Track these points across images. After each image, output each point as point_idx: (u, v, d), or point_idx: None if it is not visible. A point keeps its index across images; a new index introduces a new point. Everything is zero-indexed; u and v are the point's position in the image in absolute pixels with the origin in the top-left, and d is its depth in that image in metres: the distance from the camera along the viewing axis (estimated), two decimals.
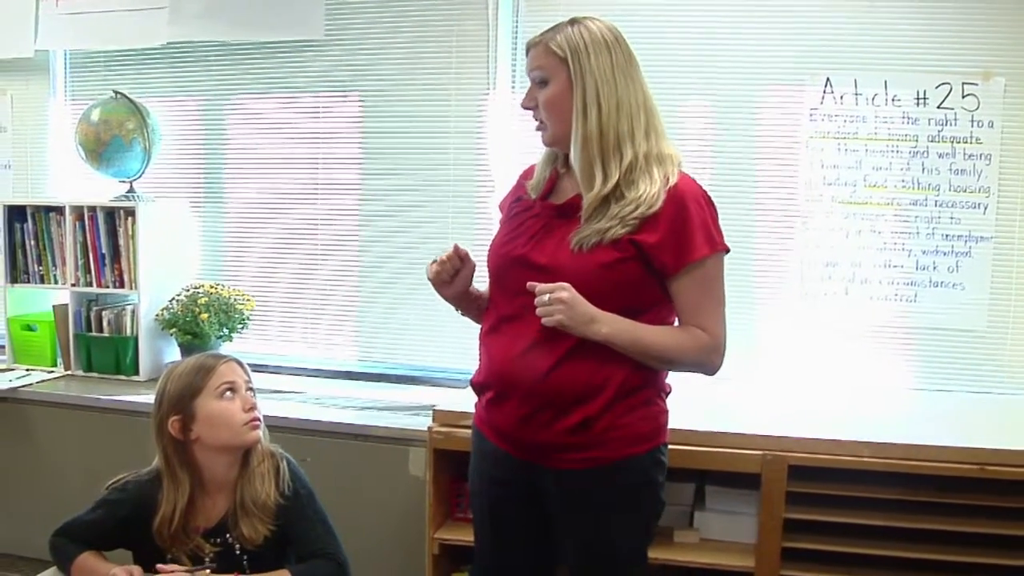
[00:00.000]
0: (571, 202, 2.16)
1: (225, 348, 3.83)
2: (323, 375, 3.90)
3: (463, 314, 2.40)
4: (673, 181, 2.10)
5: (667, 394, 2.26)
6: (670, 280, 2.11)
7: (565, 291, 2.01)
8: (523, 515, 2.28)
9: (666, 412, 2.24)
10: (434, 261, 2.27)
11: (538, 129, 2.20)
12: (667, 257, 2.08)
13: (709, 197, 2.16)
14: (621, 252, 2.07)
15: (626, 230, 2.06)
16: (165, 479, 2.23)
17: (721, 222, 2.17)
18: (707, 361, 2.16)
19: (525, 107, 2.19)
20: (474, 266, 2.28)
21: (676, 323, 2.18)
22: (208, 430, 2.21)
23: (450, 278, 2.26)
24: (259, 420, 2.25)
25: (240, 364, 2.30)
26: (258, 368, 3.86)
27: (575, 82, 2.10)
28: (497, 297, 2.26)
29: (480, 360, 2.29)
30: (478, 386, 2.30)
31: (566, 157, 2.20)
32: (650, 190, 2.07)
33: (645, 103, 2.15)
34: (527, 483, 2.23)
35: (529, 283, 2.05)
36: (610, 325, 2.06)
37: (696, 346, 2.13)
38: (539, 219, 2.20)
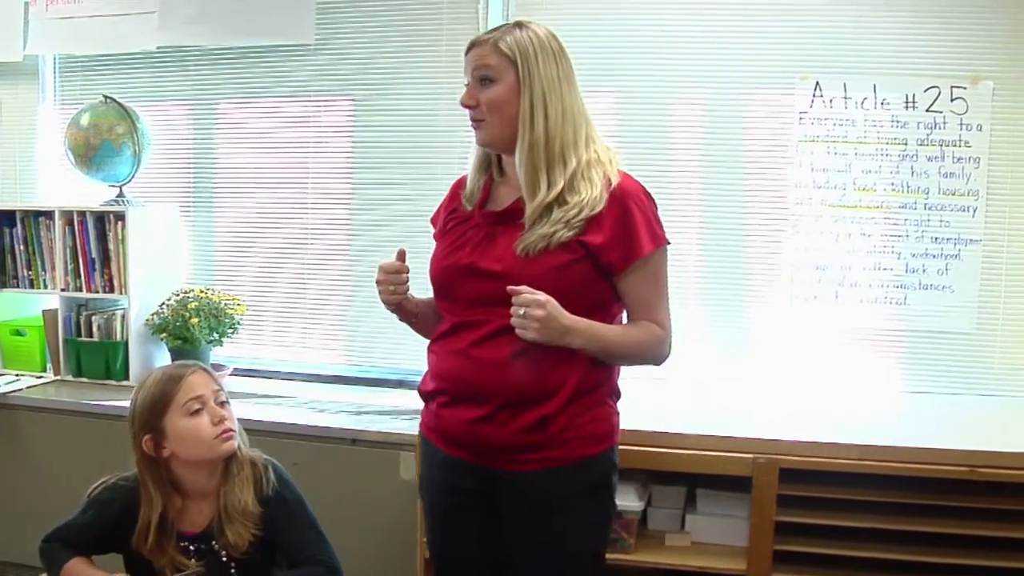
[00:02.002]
0: (512, 208, 2.18)
1: (216, 353, 3.83)
2: (315, 379, 3.89)
3: (416, 327, 2.41)
4: (615, 182, 2.14)
5: (618, 396, 2.29)
6: (618, 277, 2.15)
7: (541, 309, 2.01)
8: (476, 522, 2.27)
9: (618, 414, 2.27)
10: (383, 282, 2.28)
11: (475, 128, 2.21)
12: (614, 255, 2.12)
13: (648, 193, 2.21)
14: (571, 254, 2.10)
15: (572, 233, 2.09)
16: (141, 493, 2.23)
17: (671, 220, 2.30)
18: (660, 353, 2.22)
19: (465, 105, 2.19)
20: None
21: (625, 319, 2.23)
22: (180, 447, 2.20)
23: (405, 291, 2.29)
24: (231, 431, 2.23)
25: (209, 372, 2.28)
26: (249, 373, 3.90)
27: (523, 86, 2.12)
28: (446, 310, 2.27)
29: (429, 368, 2.30)
30: (427, 393, 2.30)
31: (499, 163, 2.26)
32: (592, 192, 2.10)
33: (584, 112, 2.19)
34: (481, 489, 2.22)
35: (510, 287, 2.03)
36: (583, 336, 2.08)
37: (653, 341, 2.19)
38: (480, 228, 2.22)
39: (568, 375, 2.13)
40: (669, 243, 2.20)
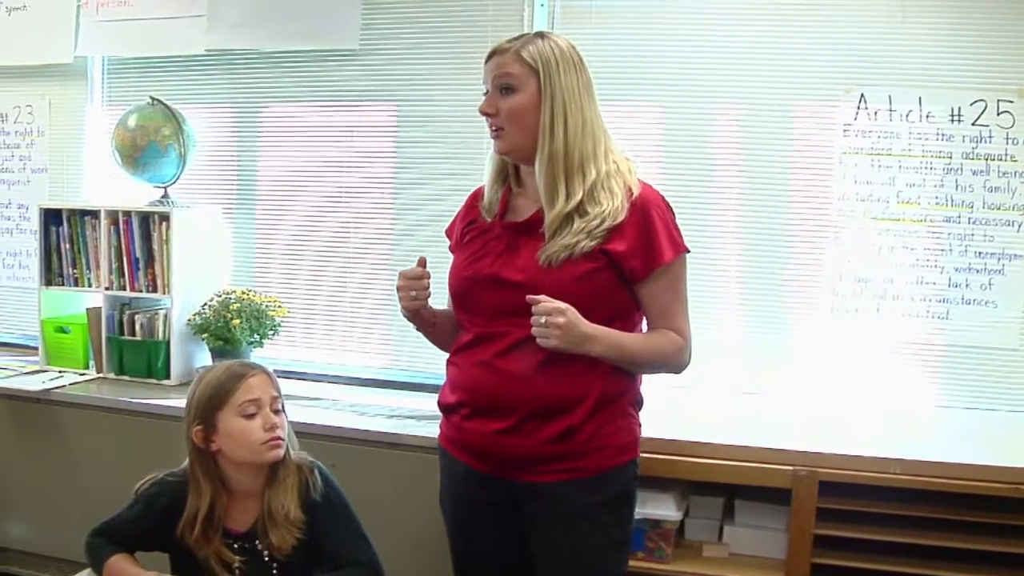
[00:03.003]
0: (532, 219, 2.20)
1: (256, 354, 3.85)
2: (354, 382, 3.90)
3: (432, 337, 2.43)
4: (636, 191, 2.16)
5: (641, 405, 2.31)
6: (640, 285, 2.17)
7: (563, 316, 2.02)
8: (498, 531, 2.29)
9: (640, 425, 2.29)
10: (404, 288, 2.28)
11: (494, 137, 2.22)
12: (636, 263, 2.13)
13: (667, 202, 2.23)
14: (594, 263, 2.12)
15: (595, 243, 2.11)
16: (190, 482, 2.25)
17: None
18: (680, 362, 2.24)
19: (484, 113, 2.20)
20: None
21: (645, 327, 2.25)
22: (228, 445, 2.22)
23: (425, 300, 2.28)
24: (280, 439, 2.24)
25: (270, 376, 2.29)
26: (288, 375, 3.91)
27: (544, 96, 2.14)
28: (467, 321, 2.28)
29: (449, 380, 2.32)
30: (449, 406, 2.31)
31: (517, 174, 2.28)
32: (613, 203, 2.12)
33: (602, 124, 2.22)
34: (503, 500, 2.24)
35: (529, 296, 2.04)
36: (602, 343, 2.10)
37: (673, 349, 2.20)
38: (501, 239, 2.23)
39: (592, 384, 2.14)
40: (688, 251, 2.23)
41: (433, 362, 3.80)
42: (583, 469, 2.16)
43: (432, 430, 3.21)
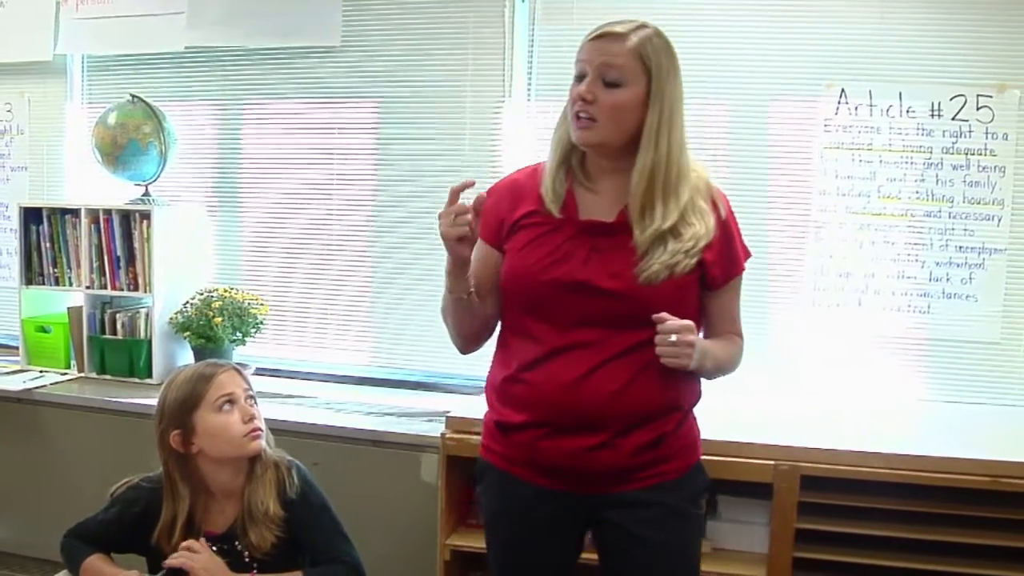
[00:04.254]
0: (619, 223, 2.06)
1: (238, 352, 3.85)
2: (336, 380, 3.90)
3: (457, 308, 2.15)
4: (722, 208, 2.11)
5: None
6: (715, 293, 2.14)
7: (693, 334, 1.98)
8: (558, 549, 2.20)
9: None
10: (447, 214, 2.02)
11: (582, 127, 2.02)
12: (718, 272, 2.10)
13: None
14: (691, 272, 2.06)
15: (693, 260, 2.04)
16: (166, 490, 2.24)
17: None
18: (739, 366, 2.23)
19: (581, 98, 2.01)
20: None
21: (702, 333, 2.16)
22: (208, 443, 2.21)
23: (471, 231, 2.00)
24: (260, 430, 2.25)
25: (239, 372, 2.30)
26: (271, 372, 3.92)
27: (654, 101, 2.01)
28: (539, 328, 2.08)
29: (514, 398, 2.11)
30: (516, 425, 2.11)
31: (583, 164, 2.10)
32: (707, 224, 2.06)
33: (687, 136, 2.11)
34: (575, 515, 2.15)
35: (656, 315, 1.96)
36: (711, 357, 2.07)
37: (740, 356, 2.22)
38: (579, 241, 2.06)
39: (680, 392, 2.11)
40: (751, 255, 2.23)
41: (414, 359, 3.81)
42: (669, 472, 2.11)
43: (416, 427, 3.25)
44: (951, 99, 3.27)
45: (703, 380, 2.20)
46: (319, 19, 3.76)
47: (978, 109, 3.25)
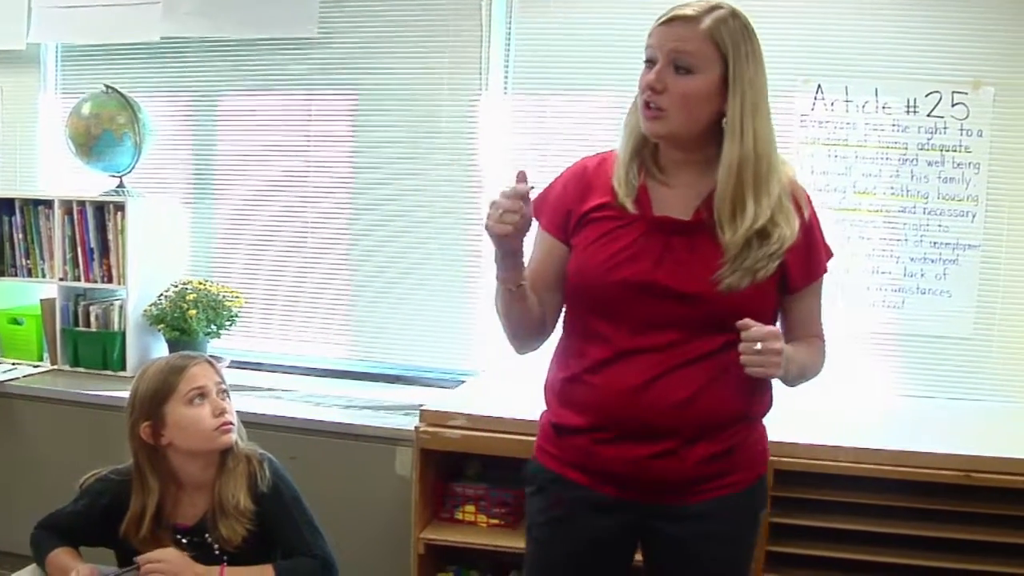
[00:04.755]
0: (696, 220, 1.92)
1: (213, 345, 3.83)
2: (312, 373, 3.89)
3: (508, 300, 1.97)
4: (806, 209, 1.96)
5: None
6: (795, 295, 2.00)
7: (779, 341, 1.82)
8: (609, 562, 2.05)
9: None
10: (497, 205, 1.85)
11: (651, 117, 1.88)
12: (798, 274, 1.96)
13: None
14: (772, 275, 1.91)
15: (775, 264, 1.89)
16: (135, 481, 2.22)
17: None
18: (823, 369, 2.10)
19: (650, 87, 1.86)
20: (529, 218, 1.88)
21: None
22: (179, 435, 2.19)
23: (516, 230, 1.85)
24: (231, 424, 2.22)
25: (212, 365, 2.28)
26: (245, 365, 3.89)
27: (734, 89, 1.84)
28: (607, 328, 1.95)
29: (575, 399, 1.99)
30: (575, 428, 1.98)
31: (655, 156, 1.97)
32: (793, 226, 1.89)
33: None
34: (631, 525, 2.01)
35: (740, 322, 1.80)
36: (795, 363, 1.92)
37: (824, 360, 2.08)
38: (653, 238, 1.92)
39: (752, 400, 1.99)
40: (833, 255, 2.08)
41: (391, 352, 3.80)
42: (735, 483, 1.97)
43: (391, 420, 3.25)
44: (927, 95, 3.28)
45: (776, 387, 2.05)
46: (296, 10, 3.74)
47: (953, 106, 3.27)
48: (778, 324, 2.00)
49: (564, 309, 2.06)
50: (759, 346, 1.79)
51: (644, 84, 1.87)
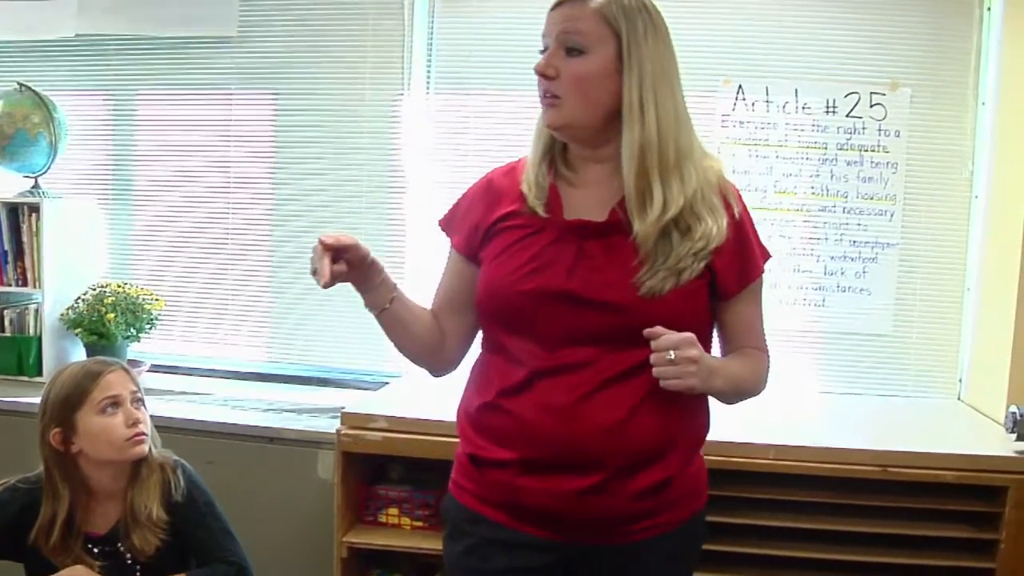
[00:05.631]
0: (611, 221, 1.77)
1: (133, 349, 3.75)
2: (232, 376, 3.83)
3: (385, 324, 1.89)
4: (736, 205, 1.81)
5: None
6: (729, 302, 1.84)
7: (694, 347, 1.65)
8: None
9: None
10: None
11: (548, 105, 1.77)
12: (730, 278, 1.80)
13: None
14: (700, 278, 1.76)
15: (703, 264, 1.74)
16: (45, 488, 2.17)
17: None
18: (764, 387, 1.93)
19: (541, 74, 1.76)
20: (356, 250, 1.78)
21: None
22: (89, 445, 2.15)
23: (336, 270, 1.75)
24: (143, 435, 2.18)
25: (128, 372, 2.23)
26: (166, 369, 3.83)
27: (629, 67, 1.71)
28: (522, 346, 1.79)
29: (491, 429, 1.82)
30: (495, 461, 1.81)
31: (565, 156, 1.85)
32: (719, 223, 1.75)
33: (688, 111, 1.80)
34: (558, 568, 1.83)
35: (648, 331, 1.65)
36: (722, 375, 1.75)
37: (765, 373, 1.92)
38: (566, 244, 1.77)
39: (686, 424, 1.82)
40: (771, 256, 1.93)
41: (311, 354, 3.76)
42: (671, 522, 1.82)
43: (312, 423, 3.21)
44: (845, 96, 3.33)
45: (712, 410, 1.93)
46: (215, 8, 3.68)
47: (871, 106, 3.32)
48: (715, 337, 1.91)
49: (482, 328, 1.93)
50: (672, 355, 1.63)
51: (536, 71, 1.77)
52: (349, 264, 1.78)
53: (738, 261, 1.80)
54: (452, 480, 1.93)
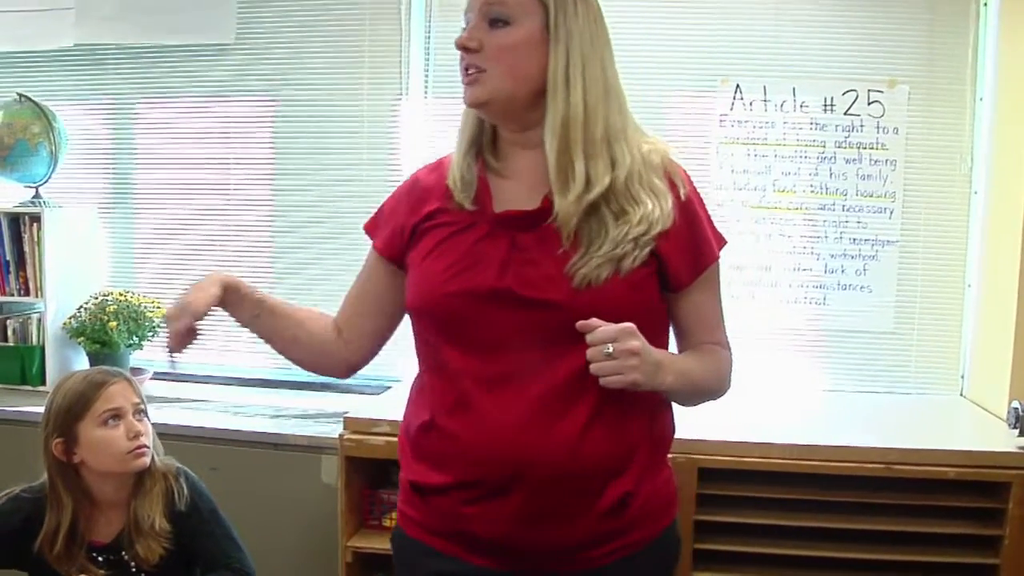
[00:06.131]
0: (543, 210, 1.63)
1: (136, 357, 3.76)
2: (234, 383, 3.83)
3: (266, 338, 1.93)
4: (684, 190, 1.67)
5: None
6: (682, 293, 1.69)
7: (635, 338, 1.52)
8: None
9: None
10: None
11: (469, 82, 1.64)
12: (681, 266, 1.66)
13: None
14: (646, 266, 1.62)
15: (646, 251, 1.60)
16: (49, 497, 2.17)
17: None
18: (727, 385, 1.80)
19: (463, 47, 1.63)
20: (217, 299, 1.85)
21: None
22: (91, 455, 2.15)
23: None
24: (146, 447, 2.18)
25: (131, 383, 2.23)
26: (168, 376, 3.83)
27: (556, 38, 1.60)
28: (456, 355, 1.65)
29: (429, 452, 1.69)
30: (435, 487, 1.67)
31: (495, 144, 1.72)
32: (663, 206, 1.62)
33: (623, 92, 1.70)
34: None
35: (581, 323, 1.52)
36: (672, 371, 1.61)
37: (728, 371, 1.78)
38: (496, 239, 1.65)
39: (642, 431, 1.67)
40: (727, 242, 1.79)
41: None
42: (636, 543, 1.68)
43: (315, 428, 3.21)
44: (843, 94, 3.33)
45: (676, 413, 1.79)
46: (213, 15, 3.68)
47: (869, 104, 3.32)
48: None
49: (414, 340, 1.77)
50: (611, 348, 1.50)
51: (457, 45, 1.65)
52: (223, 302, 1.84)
53: (689, 247, 1.66)
54: (399, 510, 1.81)
